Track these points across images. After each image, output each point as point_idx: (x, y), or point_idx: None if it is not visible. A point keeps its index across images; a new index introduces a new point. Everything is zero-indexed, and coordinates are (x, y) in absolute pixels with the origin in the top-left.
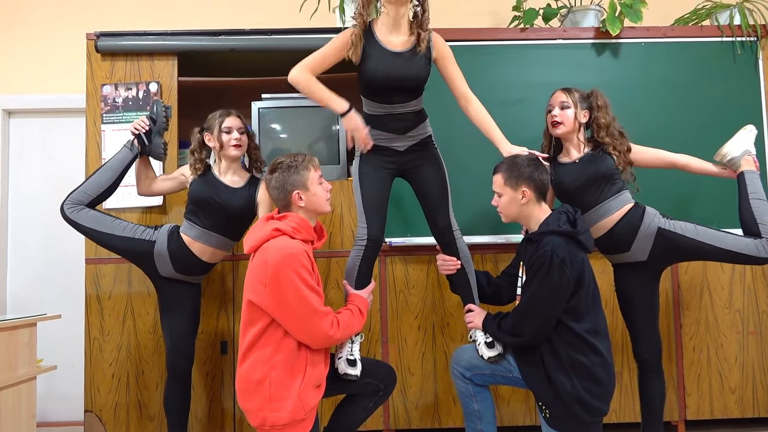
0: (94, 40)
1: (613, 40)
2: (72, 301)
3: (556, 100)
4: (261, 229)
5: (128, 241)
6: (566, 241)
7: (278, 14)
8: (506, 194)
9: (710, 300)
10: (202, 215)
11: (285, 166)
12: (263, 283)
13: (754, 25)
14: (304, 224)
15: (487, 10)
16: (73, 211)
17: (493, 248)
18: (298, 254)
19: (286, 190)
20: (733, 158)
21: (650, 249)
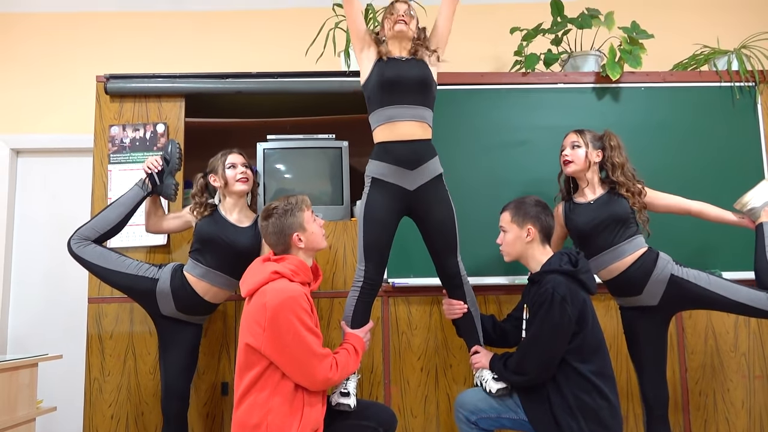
0: (104, 82)
1: (613, 85)
2: (73, 339)
3: (568, 141)
4: (259, 273)
5: (131, 278)
6: (567, 279)
7: (284, 58)
8: (512, 231)
9: (715, 344)
10: (207, 254)
11: (281, 210)
12: (262, 326)
13: (751, 71)
14: (303, 266)
15: (489, 55)
16: (79, 247)
17: (497, 289)
18: (298, 297)
19: (285, 234)
20: (754, 208)
21: (662, 295)
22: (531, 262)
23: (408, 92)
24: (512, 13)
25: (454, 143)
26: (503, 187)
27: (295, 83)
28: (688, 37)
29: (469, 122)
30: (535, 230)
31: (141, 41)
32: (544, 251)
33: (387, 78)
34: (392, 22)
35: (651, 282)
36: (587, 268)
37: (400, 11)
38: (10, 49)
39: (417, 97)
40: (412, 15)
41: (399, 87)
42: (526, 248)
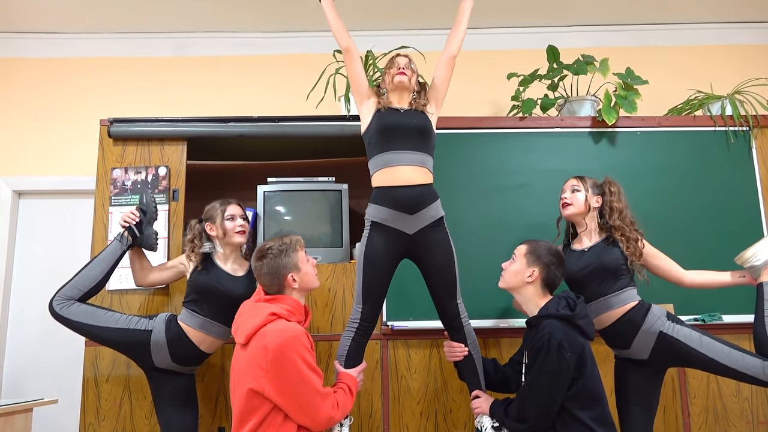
0: (108, 125)
1: (609, 129)
2: (70, 382)
3: (568, 185)
4: (254, 316)
5: (123, 332)
6: (564, 324)
7: (286, 102)
8: (519, 264)
9: (718, 388)
10: (203, 304)
11: (275, 251)
12: (264, 368)
13: (745, 116)
14: (297, 306)
15: (487, 100)
16: (63, 307)
17: (498, 332)
18: (300, 336)
19: (280, 275)
20: (755, 266)
21: (651, 350)
22: (528, 305)
23: (407, 138)
24: (509, 59)
25: (453, 186)
26: (502, 230)
27: (295, 127)
28: (681, 82)
29: (468, 165)
30: (539, 276)
31: (145, 86)
32: (542, 297)
33: (386, 124)
34: (392, 74)
35: (638, 337)
36: (585, 313)
37: (401, 64)
38: (15, 92)
39: (416, 143)
40: (413, 69)
41: (398, 133)
42: (523, 287)
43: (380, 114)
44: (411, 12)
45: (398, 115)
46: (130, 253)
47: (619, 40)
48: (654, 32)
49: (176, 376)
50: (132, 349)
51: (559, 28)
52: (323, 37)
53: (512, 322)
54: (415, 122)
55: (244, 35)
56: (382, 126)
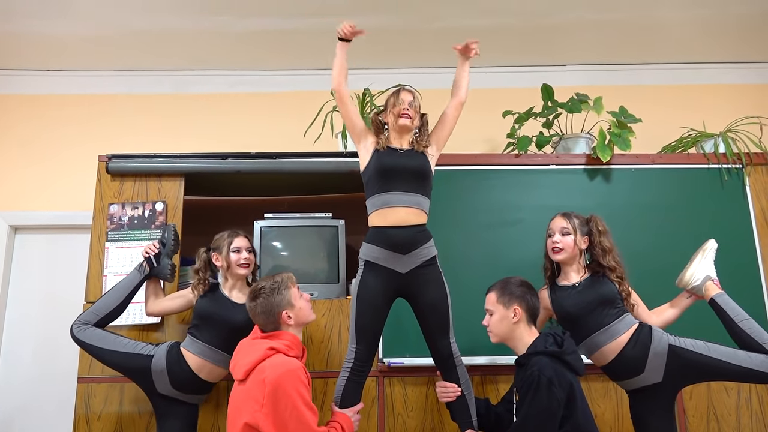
0: (106, 161)
1: (604, 166)
2: (63, 420)
3: (557, 226)
4: (253, 352)
5: (127, 356)
6: (552, 361)
7: (283, 139)
8: (498, 312)
9: (718, 426)
10: (205, 330)
11: (268, 290)
12: (260, 402)
13: (738, 154)
14: (296, 341)
15: (482, 138)
16: (80, 331)
17: (497, 370)
18: (297, 370)
19: (275, 312)
20: (696, 286)
21: (664, 369)
22: (518, 344)
23: (404, 180)
24: (504, 97)
25: (449, 222)
26: (498, 266)
27: (292, 163)
28: (674, 120)
29: (464, 202)
30: (522, 310)
31: (143, 122)
32: (531, 332)
33: (384, 166)
34: (396, 114)
35: (651, 356)
36: (573, 348)
37: (405, 103)
38: (14, 128)
39: (413, 185)
40: (417, 107)
41: (395, 174)
42: (513, 329)
43: (379, 154)
44: (409, 50)
45: (397, 156)
46: (147, 283)
47: (613, 78)
48: (646, 71)
49: (180, 405)
50: (135, 373)
51: (554, 67)
52: (320, 75)
53: (510, 359)
54: (414, 164)
55: (242, 73)
56: (381, 167)
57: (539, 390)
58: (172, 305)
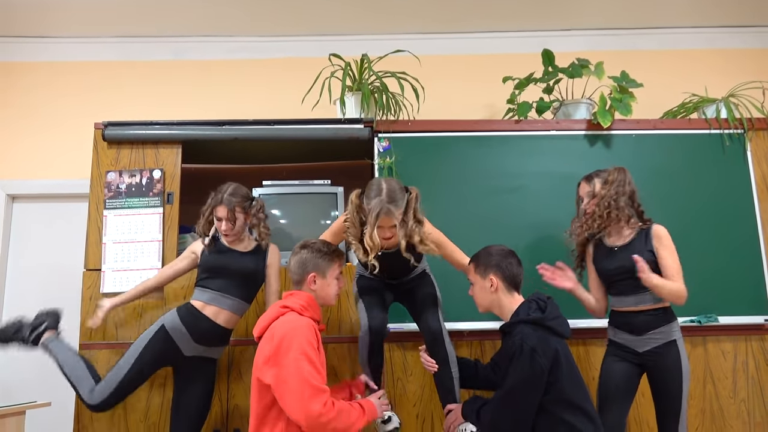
0: (102, 129)
1: (604, 132)
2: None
3: (583, 191)
4: (269, 312)
5: (144, 348)
6: (535, 328)
7: (281, 105)
8: (477, 283)
9: (714, 389)
10: (213, 280)
11: (316, 248)
12: (266, 356)
13: (740, 119)
14: (312, 302)
15: (482, 104)
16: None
17: (482, 335)
18: (305, 328)
19: (306, 269)
20: None
21: (652, 348)
22: (503, 311)
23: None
24: (505, 62)
25: (449, 189)
26: (497, 232)
27: (291, 130)
28: (676, 86)
29: (464, 168)
30: (498, 279)
31: (140, 89)
32: (513, 299)
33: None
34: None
35: (655, 331)
36: (556, 313)
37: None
38: (9, 96)
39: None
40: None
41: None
42: (493, 299)
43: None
44: (408, 16)
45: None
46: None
47: (614, 43)
48: (648, 36)
49: (203, 364)
50: (162, 354)
51: (555, 32)
52: (318, 41)
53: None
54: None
55: (240, 39)
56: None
57: (522, 359)
58: (179, 267)
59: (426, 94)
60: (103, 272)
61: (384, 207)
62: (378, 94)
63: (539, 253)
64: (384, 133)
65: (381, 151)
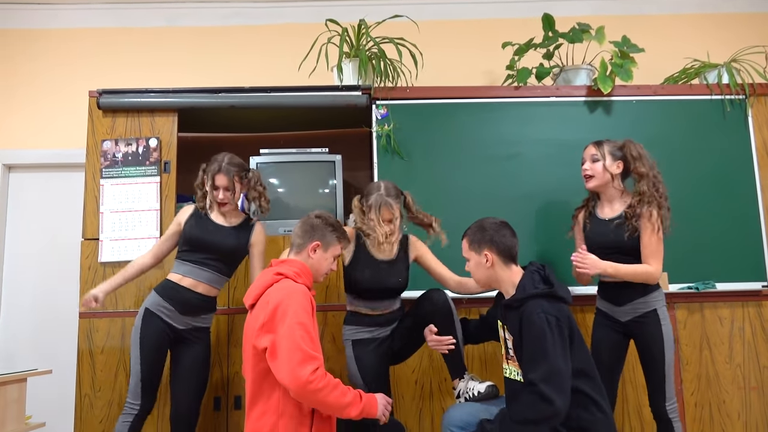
0: (97, 97)
1: (605, 98)
2: (64, 354)
3: (587, 154)
4: (261, 279)
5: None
6: (549, 301)
7: (277, 72)
8: (472, 259)
9: (710, 355)
10: (192, 253)
11: (330, 222)
12: (263, 323)
13: (741, 84)
14: (306, 270)
15: (481, 70)
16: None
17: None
18: (301, 294)
19: (313, 236)
20: None
21: (633, 317)
22: (503, 285)
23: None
24: (504, 27)
25: (447, 156)
26: (495, 199)
27: (287, 98)
28: (678, 51)
29: (462, 135)
30: (492, 254)
31: (135, 57)
32: (512, 272)
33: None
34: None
35: (637, 302)
36: (559, 281)
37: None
38: (2, 65)
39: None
40: (398, 217)
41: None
42: (490, 274)
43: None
44: None
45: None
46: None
47: (616, 8)
48: (650, 0)
49: (194, 338)
50: (158, 336)
51: None
52: (315, 6)
53: None
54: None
55: (234, 5)
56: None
57: (553, 332)
58: (166, 247)
59: (424, 60)
60: (101, 242)
61: (383, 200)
62: (376, 60)
63: (535, 221)
64: (382, 100)
65: (379, 118)
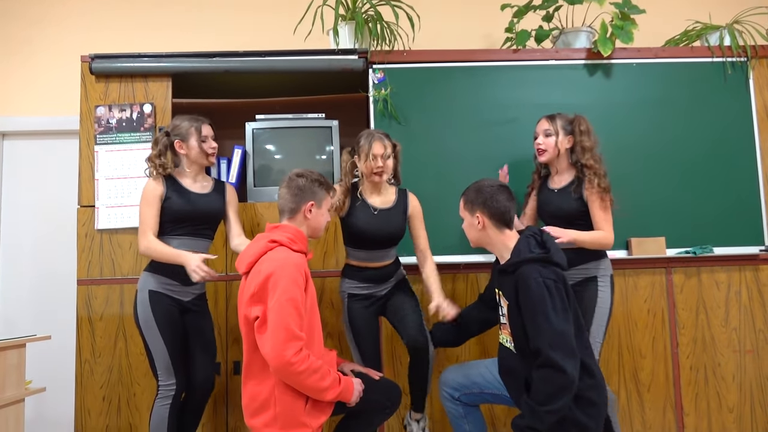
0: (89, 62)
1: (605, 61)
2: (63, 322)
3: (541, 128)
4: (255, 246)
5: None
6: (545, 265)
7: (272, 36)
8: (466, 219)
9: (706, 319)
10: (184, 226)
11: (314, 178)
12: (253, 293)
13: (743, 46)
14: (300, 235)
15: (479, 33)
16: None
17: (477, 267)
18: (294, 267)
19: (304, 198)
20: None
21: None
22: (495, 248)
23: (380, 245)
24: None
25: (445, 120)
26: (493, 164)
27: (283, 62)
28: (679, 13)
29: (460, 99)
30: (484, 217)
31: (128, 21)
32: (506, 236)
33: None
34: (369, 169)
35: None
36: (556, 246)
37: (377, 157)
38: None
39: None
40: (389, 156)
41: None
42: (482, 235)
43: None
44: None
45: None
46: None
47: None
48: None
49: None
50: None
51: None
52: None
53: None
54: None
55: None
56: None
57: (552, 296)
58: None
59: (421, 23)
60: (97, 209)
61: (375, 134)
62: (372, 23)
63: None
64: (378, 64)
65: (375, 82)
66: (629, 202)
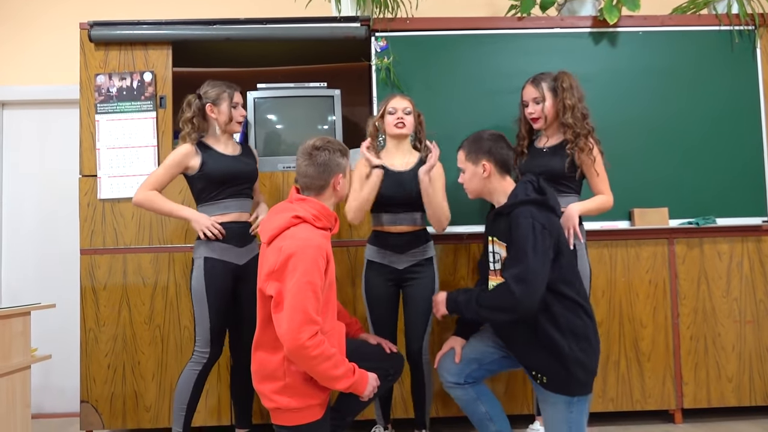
0: (88, 29)
1: (610, 29)
2: (67, 291)
3: (529, 96)
4: (278, 218)
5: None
6: (539, 209)
7: (273, 4)
8: (468, 169)
9: (708, 289)
10: (223, 189)
11: (336, 147)
12: (271, 269)
13: (751, 14)
14: (325, 211)
15: (483, 1)
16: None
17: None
18: (315, 249)
19: (332, 171)
20: None
21: None
22: (495, 195)
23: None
24: None
25: (448, 89)
26: None
27: (284, 29)
28: None
29: (463, 68)
30: (491, 164)
31: None
32: (506, 183)
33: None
34: (391, 123)
35: None
36: (552, 192)
37: (397, 110)
38: None
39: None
40: (410, 112)
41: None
42: (485, 184)
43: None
44: None
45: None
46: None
47: None
48: None
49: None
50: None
51: None
52: None
53: None
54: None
55: None
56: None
57: (536, 236)
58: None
59: None
60: (99, 178)
61: (397, 93)
62: None
63: None
64: (381, 32)
65: (378, 51)
66: (633, 173)
